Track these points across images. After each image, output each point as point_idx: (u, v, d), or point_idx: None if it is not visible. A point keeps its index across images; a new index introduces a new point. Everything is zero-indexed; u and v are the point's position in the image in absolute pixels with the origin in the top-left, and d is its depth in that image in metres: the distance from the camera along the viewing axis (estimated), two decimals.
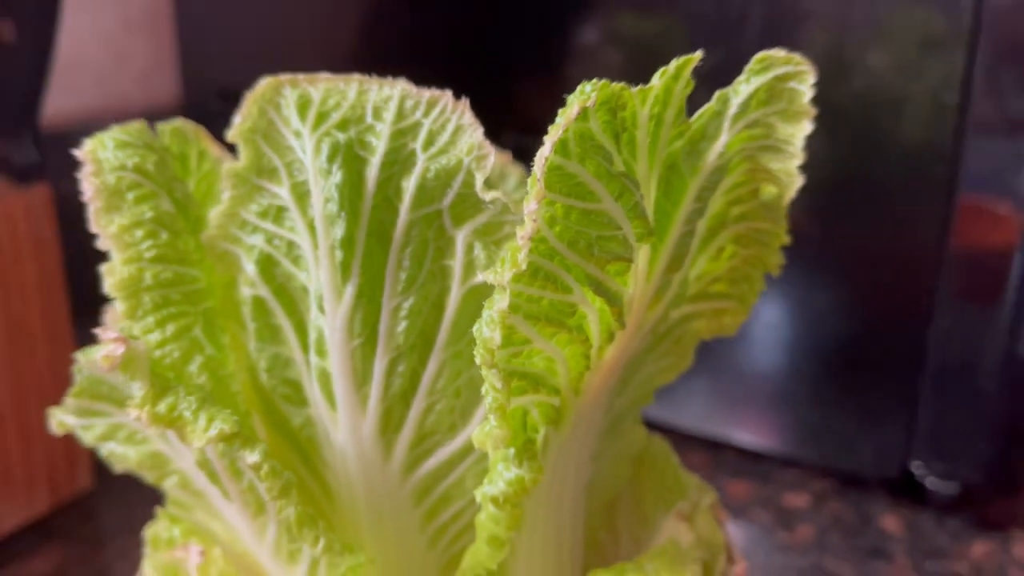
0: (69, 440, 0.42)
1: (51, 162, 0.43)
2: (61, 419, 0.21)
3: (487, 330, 0.15)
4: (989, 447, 0.41)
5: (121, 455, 0.21)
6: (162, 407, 0.17)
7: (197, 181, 0.21)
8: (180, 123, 0.22)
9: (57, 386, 0.41)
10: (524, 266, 0.15)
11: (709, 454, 0.48)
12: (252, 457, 0.17)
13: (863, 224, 0.42)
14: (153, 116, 0.63)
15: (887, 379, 0.42)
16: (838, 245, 0.42)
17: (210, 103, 0.59)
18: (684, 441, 0.48)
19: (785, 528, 0.42)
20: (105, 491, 0.44)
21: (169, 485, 0.21)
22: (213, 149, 0.22)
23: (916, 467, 0.42)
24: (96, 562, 0.40)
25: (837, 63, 0.41)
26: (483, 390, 0.16)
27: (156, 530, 0.23)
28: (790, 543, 0.41)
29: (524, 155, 0.21)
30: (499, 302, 0.15)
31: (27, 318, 0.39)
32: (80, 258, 0.47)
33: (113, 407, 0.20)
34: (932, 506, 0.43)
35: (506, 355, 0.16)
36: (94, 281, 0.45)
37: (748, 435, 0.46)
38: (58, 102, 0.54)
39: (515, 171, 0.24)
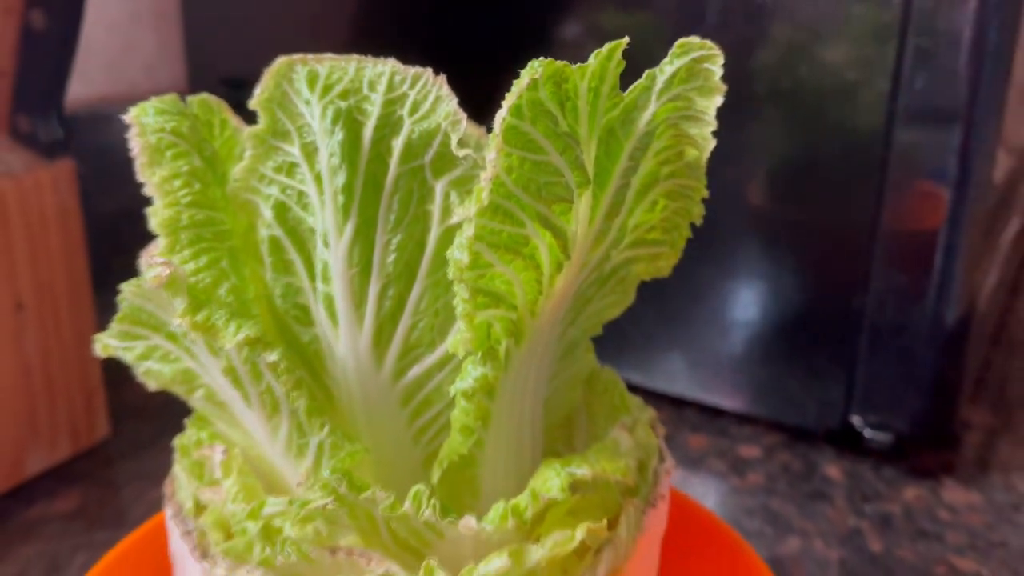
0: (89, 393, 0.46)
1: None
2: (106, 342, 0.25)
3: (458, 252, 0.20)
4: (920, 401, 0.45)
5: (157, 372, 0.25)
6: (200, 317, 0.21)
7: (220, 144, 0.25)
8: (206, 96, 0.26)
9: (78, 344, 0.45)
10: (486, 202, 0.19)
11: (673, 411, 0.52)
12: (272, 356, 0.21)
13: (807, 201, 0.46)
14: None
15: (828, 341, 0.47)
16: (785, 221, 0.47)
17: (214, 91, 0.63)
18: (651, 399, 0.53)
19: (737, 475, 0.47)
20: (120, 441, 0.48)
21: (196, 398, 0.25)
22: (232, 119, 0.26)
23: (855, 420, 0.47)
24: (113, 503, 0.44)
25: (786, 53, 0.45)
26: (455, 302, 0.20)
27: (184, 439, 0.27)
28: (741, 487, 0.46)
29: None
30: (467, 231, 0.20)
31: (52, 281, 0.43)
32: (97, 228, 0.51)
33: (151, 331, 0.24)
34: (870, 455, 0.48)
35: (473, 276, 0.20)
36: (110, 250, 0.50)
37: (707, 394, 0.51)
38: (69, 88, 0.57)
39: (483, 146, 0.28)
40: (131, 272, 0.24)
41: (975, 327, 0.47)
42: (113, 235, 0.61)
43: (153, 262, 0.21)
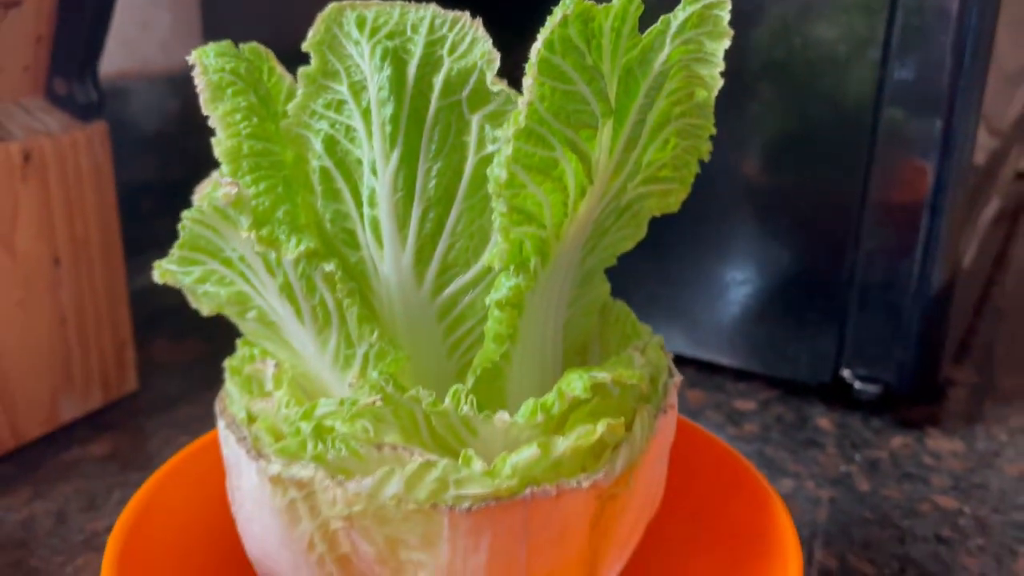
0: (119, 347, 0.49)
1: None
2: (165, 268, 0.27)
3: (498, 170, 0.22)
4: (906, 354, 0.48)
5: (213, 294, 0.27)
6: (264, 232, 0.23)
7: (269, 87, 0.28)
8: (255, 44, 0.28)
9: (110, 299, 0.47)
10: (523, 125, 0.22)
11: None
12: (329, 267, 0.23)
13: (802, 169, 0.49)
14: (173, 78, 0.69)
15: (821, 299, 0.49)
16: (780, 187, 0.49)
17: None
18: None
19: (734, 425, 0.49)
20: (147, 394, 0.51)
21: (248, 319, 0.28)
22: (277, 66, 0.29)
23: (845, 373, 0.49)
24: (144, 448, 0.46)
25: (782, 30, 0.48)
26: (493, 216, 0.23)
27: (233, 360, 0.29)
28: (737, 435, 0.48)
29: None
30: (505, 151, 0.22)
31: (87, 238, 0.45)
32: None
33: (208, 257, 0.27)
34: (859, 407, 0.51)
35: (509, 193, 0.23)
36: (126, 219, 0.52)
37: (705, 352, 0.53)
38: None
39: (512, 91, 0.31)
40: (147, 239, 0.26)
41: (958, 287, 0.50)
42: (129, 205, 0.63)
43: (222, 182, 0.23)
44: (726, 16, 0.24)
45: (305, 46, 0.25)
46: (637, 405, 0.26)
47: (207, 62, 0.26)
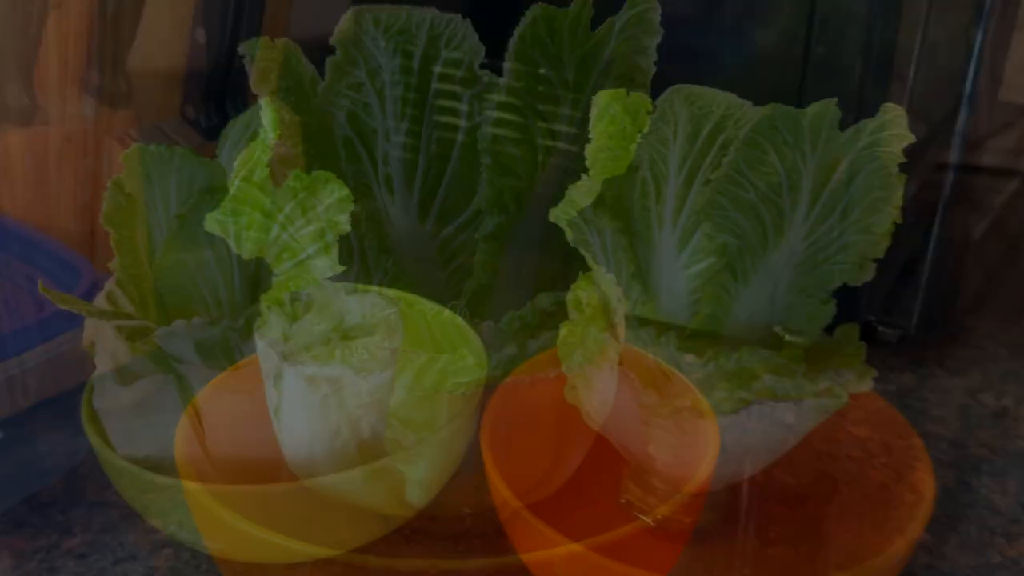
0: None
1: None
2: (217, 219, 0.34)
3: (485, 133, 0.29)
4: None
5: (255, 238, 0.34)
6: (307, 180, 0.30)
7: (298, 73, 0.35)
8: (286, 40, 0.35)
9: None
10: (504, 99, 0.29)
11: None
12: (355, 209, 0.30)
13: None
14: (173, 76, 0.74)
15: None
16: None
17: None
18: None
19: None
20: None
21: (283, 259, 0.35)
22: (302, 57, 0.36)
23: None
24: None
25: (725, 31, 0.55)
26: (480, 170, 0.30)
27: (267, 297, 0.36)
28: None
29: None
30: (490, 119, 0.29)
31: None
32: None
33: (251, 209, 0.33)
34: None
35: (493, 150, 0.30)
36: None
37: None
38: None
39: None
40: None
41: None
42: None
43: (274, 145, 0.30)
44: (657, 18, 0.32)
45: (332, 40, 0.33)
46: (591, 322, 0.33)
47: (256, 55, 0.32)
